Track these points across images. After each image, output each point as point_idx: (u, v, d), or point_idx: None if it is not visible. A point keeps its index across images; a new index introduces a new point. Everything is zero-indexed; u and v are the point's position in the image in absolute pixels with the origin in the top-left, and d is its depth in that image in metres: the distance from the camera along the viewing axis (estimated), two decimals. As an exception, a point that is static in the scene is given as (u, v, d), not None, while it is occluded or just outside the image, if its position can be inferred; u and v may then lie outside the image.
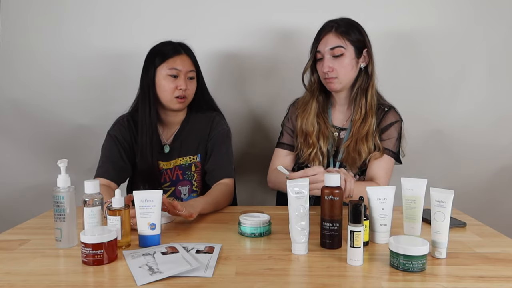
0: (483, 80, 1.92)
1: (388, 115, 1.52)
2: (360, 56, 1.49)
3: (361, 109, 1.49)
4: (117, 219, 1.06)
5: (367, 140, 1.48)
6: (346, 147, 1.51)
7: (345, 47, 1.45)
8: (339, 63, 1.45)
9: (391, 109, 1.54)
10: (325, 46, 1.46)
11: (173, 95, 1.49)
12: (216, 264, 0.96)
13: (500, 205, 2.02)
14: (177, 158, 1.58)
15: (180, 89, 1.48)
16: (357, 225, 0.95)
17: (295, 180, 1.04)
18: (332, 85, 1.48)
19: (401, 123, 1.54)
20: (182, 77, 1.49)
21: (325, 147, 1.53)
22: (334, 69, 1.45)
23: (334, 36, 1.45)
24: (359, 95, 1.50)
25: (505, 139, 1.97)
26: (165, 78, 1.49)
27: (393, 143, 1.51)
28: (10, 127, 1.96)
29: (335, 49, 1.44)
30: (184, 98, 1.51)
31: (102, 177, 1.45)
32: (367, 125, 1.48)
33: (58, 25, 1.88)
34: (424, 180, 1.14)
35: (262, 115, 1.98)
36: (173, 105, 1.51)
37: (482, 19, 1.87)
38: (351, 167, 1.51)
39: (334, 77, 1.46)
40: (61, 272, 0.96)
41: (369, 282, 0.89)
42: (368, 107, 1.49)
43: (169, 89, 1.48)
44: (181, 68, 1.49)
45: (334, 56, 1.45)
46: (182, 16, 1.87)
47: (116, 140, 1.52)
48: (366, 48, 1.49)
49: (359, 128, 1.49)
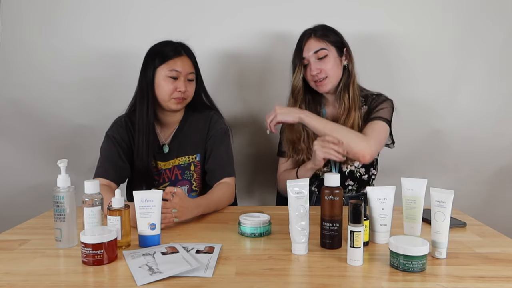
0: (483, 80, 1.92)
1: (377, 98, 1.57)
2: (342, 55, 1.55)
3: (344, 104, 1.55)
4: (117, 219, 1.06)
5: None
6: None
7: (327, 49, 1.52)
8: (325, 64, 1.52)
9: (380, 94, 1.59)
10: (308, 51, 1.53)
11: (171, 96, 1.49)
12: (216, 264, 0.96)
13: (500, 205, 2.02)
14: (176, 158, 1.58)
15: (179, 91, 1.48)
16: (357, 225, 0.95)
17: (295, 180, 1.04)
18: (324, 87, 1.54)
19: (392, 102, 1.57)
20: (182, 79, 1.49)
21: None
22: (322, 70, 1.51)
23: (314, 41, 1.53)
24: (342, 92, 1.56)
25: (505, 139, 1.97)
26: (164, 79, 1.48)
27: (384, 112, 1.53)
28: (10, 128, 1.96)
29: (319, 51, 1.52)
30: (183, 99, 1.51)
31: (102, 177, 1.45)
32: (351, 119, 1.53)
33: (57, 26, 1.88)
34: (424, 180, 1.14)
35: (261, 115, 1.98)
36: (171, 105, 1.51)
37: (482, 18, 1.87)
38: (344, 162, 1.56)
39: (324, 77, 1.52)
40: (61, 272, 0.96)
41: (369, 282, 0.89)
42: (351, 101, 1.54)
43: (168, 90, 1.48)
44: (181, 70, 1.49)
45: (318, 58, 1.52)
46: (182, 16, 1.87)
47: (114, 141, 1.52)
48: (345, 47, 1.56)
49: (344, 122, 1.53)
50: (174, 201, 1.22)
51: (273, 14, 1.87)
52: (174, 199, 1.22)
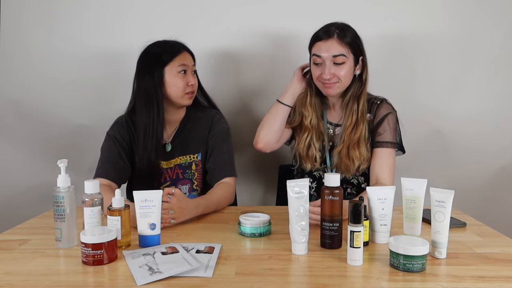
0: (483, 80, 1.92)
1: (380, 109, 1.52)
2: (357, 64, 1.49)
3: (352, 115, 1.50)
4: (117, 219, 1.06)
5: (359, 146, 1.49)
6: (338, 153, 1.51)
7: (347, 56, 1.44)
8: (340, 69, 1.44)
9: (383, 101, 1.54)
10: (327, 52, 1.44)
11: (184, 91, 1.49)
12: (216, 264, 0.96)
13: (500, 205, 2.01)
14: (177, 157, 1.58)
15: (191, 84, 1.50)
16: (357, 225, 0.95)
17: (295, 180, 1.04)
18: (331, 90, 1.48)
19: (395, 114, 1.54)
20: (189, 73, 1.51)
21: (318, 143, 1.54)
22: (335, 75, 1.45)
23: (337, 44, 1.44)
24: (351, 101, 1.51)
25: (505, 139, 1.97)
26: (176, 76, 1.48)
27: (391, 134, 1.51)
28: (10, 127, 1.96)
29: (338, 57, 1.43)
30: (192, 93, 1.52)
31: (102, 177, 1.45)
32: (359, 131, 1.48)
33: (57, 26, 1.88)
34: (424, 180, 1.14)
35: (261, 115, 1.98)
36: (184, 101, 1.51)
37: (482, 19, 1.87)
38: (345, 173, 1.52)
39: (335, 82, 1.46)
40: (61, 272, 0.96)
41: (369, 282, 0.89)
42: (360, 114, 1.49)
43: (181, 86, 1.48)
44: (188, 63, 1.50)
45: (335, 63, 1.44)
46: (182, 16, 1.87)
47: (115, 140, 1.52)
48: (362, 56, 1.50)
49: (350, 134, 1.49)
50: (171, 202, 1.22)
51: (273, 13, 1.86)
52: (171, 200, 1.22)
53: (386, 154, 1.49)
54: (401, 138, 1.55)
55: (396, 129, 1.53)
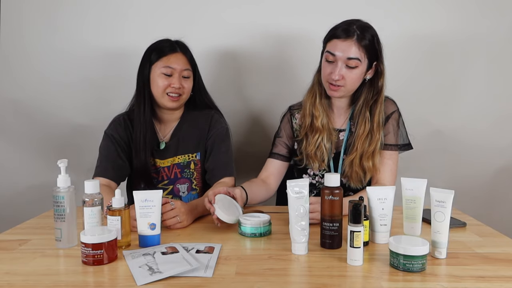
0: (483, 80, 1.92)
1: (385, 107, 1.49)
2: (370, 69, 1.43)
3: (365, 123, 1.44)
4: (117, 219, 1.06)
5: (374, 156, 1.44)
6: (350, 162, 1.46)
7: (361, 61, 1.38)
8: (350, 73, 1.39)
9: (386, 99, 1.51)
10: (342, 52, 1.37)
11: (165, 92, 1.49)
12: (216, 264, 0.96)
13: (500, 205, 2.02)
14: (175, 156, 1.58)
15: (173, 87, 1.48)
16: (357, 225, 0.95)
17: (295, 180, 1.04)
18: (336, 93, 1.43)
19: (398, 112, 1.51)
20: (177, 76, 1.49)
21: (328, 144, 1.49)
22: (344, 78, 1.39)
23: (355, 46, 1.37)
24: (363, 108, 1.45)
25: (505, 140, 1.97)
26: (159, 76, 1.49)
27: (394, 137, 1.49)
28: (10, 127, 1.96)
29: (352, 60, 1.37)
30: (178, 96, 1.50)
31: (101, 176, 1.45)
32: (374, 142, 1.43)
33: (57, 26, 1.88)
34: (424, 180, 1.14)
35: (261, 115, 1.98)
36: (165, 102, 1.51)
37: (482, 20, 1.87)
38: (356, 183, 1.48)
39: (341, 85, 1.41)
40: (61, 272, 0.96)
41: (369, 282, 0.89)
42: (376, 125, 1.43)
43: (161, 86, 1.49)
44: (176, 66, 1.49)
45: (347, 65, 1.38)
46: (182, 15, 1.86)
47: (113, 139, 1.52)
48: (377, 62, 1.43)
49: (364, 143, 1.44)
50: (177, 207, 1.23)
51: (273, 13, 1.86)
52: (176, 205, 1.23)
53: (388, 156, 1.48)
54: (407, 134, 1.53)
55: (399, 130, 1.51)
